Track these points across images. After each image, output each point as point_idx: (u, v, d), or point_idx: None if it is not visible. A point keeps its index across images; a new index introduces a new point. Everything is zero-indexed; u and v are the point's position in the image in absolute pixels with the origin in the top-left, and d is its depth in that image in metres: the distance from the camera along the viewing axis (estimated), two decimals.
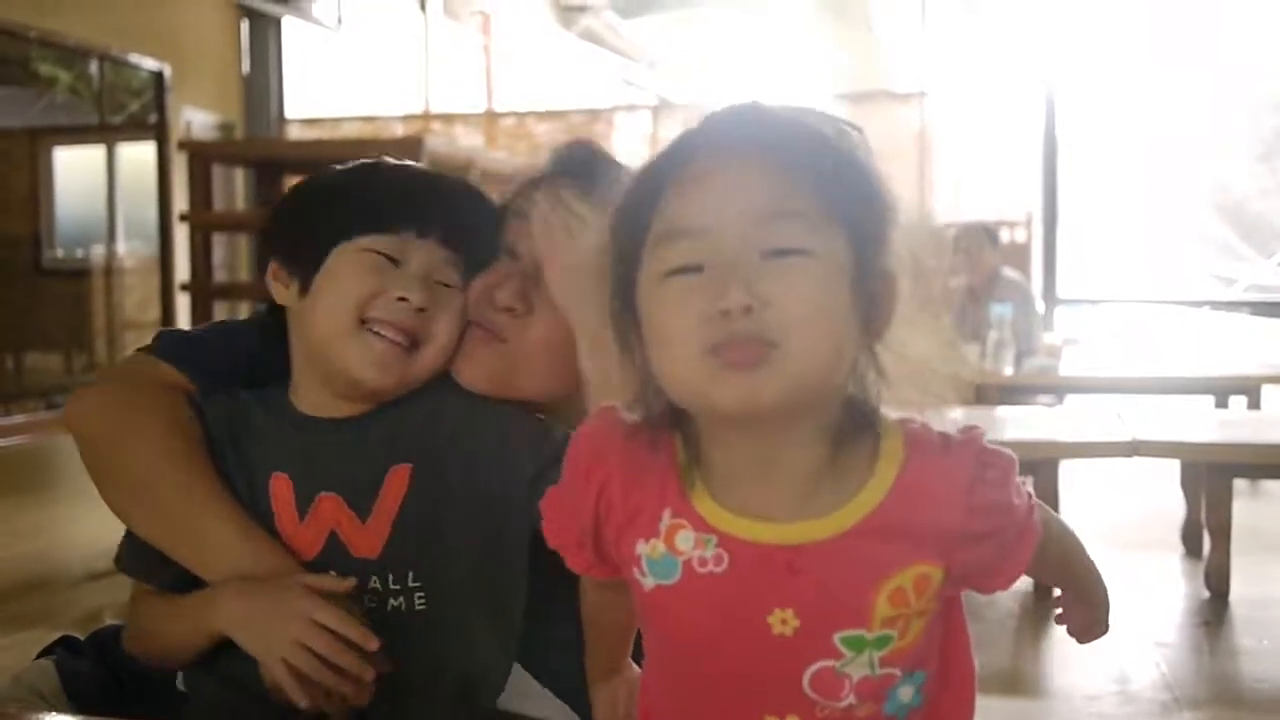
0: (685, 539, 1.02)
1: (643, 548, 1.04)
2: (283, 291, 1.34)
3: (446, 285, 1.32)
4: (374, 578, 1.26)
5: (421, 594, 1.27)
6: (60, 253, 9.31)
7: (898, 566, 1.00)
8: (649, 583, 1.04)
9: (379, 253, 1.30)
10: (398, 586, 1.27)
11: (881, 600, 1.00)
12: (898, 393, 1.01)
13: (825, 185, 0.96)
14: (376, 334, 1.28)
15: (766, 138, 0.98)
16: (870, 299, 0.98)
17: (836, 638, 1.01)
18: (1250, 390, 5.96)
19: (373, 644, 1.20)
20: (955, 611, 1.09)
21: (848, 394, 1.01)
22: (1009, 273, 6.92)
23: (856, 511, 0.99)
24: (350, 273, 1.29)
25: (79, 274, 9.39)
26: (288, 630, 1.18)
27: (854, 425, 1.01)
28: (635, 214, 1.00)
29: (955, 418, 1.05)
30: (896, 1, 17.23)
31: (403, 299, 1.28)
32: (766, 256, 0.94)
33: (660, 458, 1.04)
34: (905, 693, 1.05)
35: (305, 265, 1.32)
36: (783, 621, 1.01)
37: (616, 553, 1.07)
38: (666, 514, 1.03)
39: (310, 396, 1.34)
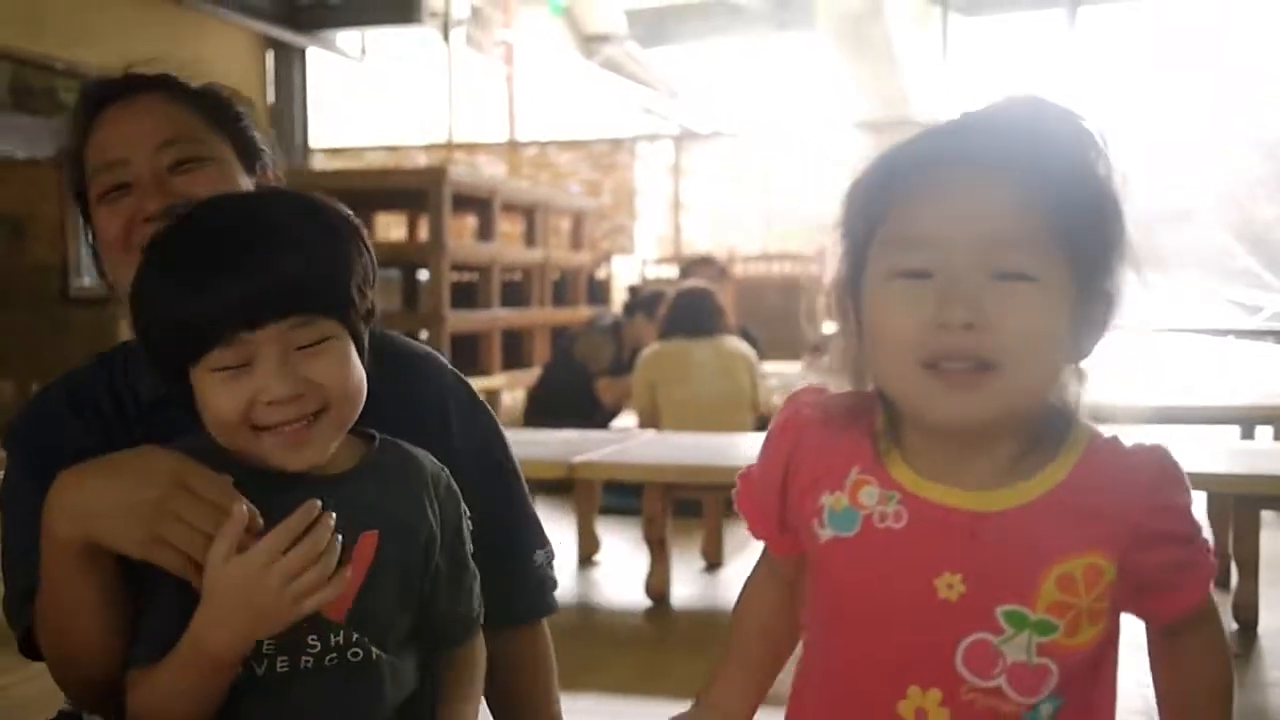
0: (869, 494, 1.09)
1: (826, 499, 1.11)
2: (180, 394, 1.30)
3: (310, 345, 1.23)
4: (335, 637, 1.26)
5: (376, 649, 1.28)
6: (87, 281, 9.36)
7: (1072, 551, 1.03)
8: (826, 534, 1.11)
9: (220, 369, 1.22)
10: (355, 638, 1.27)
11: (1049, 582, 1.03)
12: None
13: (1062, 209, 1.00)
14: (275, 432, 1.23)
15: (1013, 152, 1.01)
16: (1087, 321, 1.04)
17: (999, 611, 1.03)
18: (1277, 421, 5.92)
19: (326, 520, 1.19)
20: (1110, 650, 1.10)
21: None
22: None
23: (1040, 486, 1.05)
24: (213, 399, 1.23)
25: (105, 302, 9.42)
26: (275, 591, 1.16)
27: (1049, 426, 1.07)
28: (872, 200, 1.06)
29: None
30: (916, 31, 17.27)
31: (272, 402, 1.21)
32: (994, 278, 0.99)
33: (859, 424, 1.12)
34: (1045, 710, 1.06)
35: (175, 383, 1.27)
36: (949, 586, 1.04)
37: (799, 511, 1.13)
38: (854, 470, 1.11)
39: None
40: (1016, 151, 1.01)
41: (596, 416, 6.35)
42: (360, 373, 1.27)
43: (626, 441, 4.81)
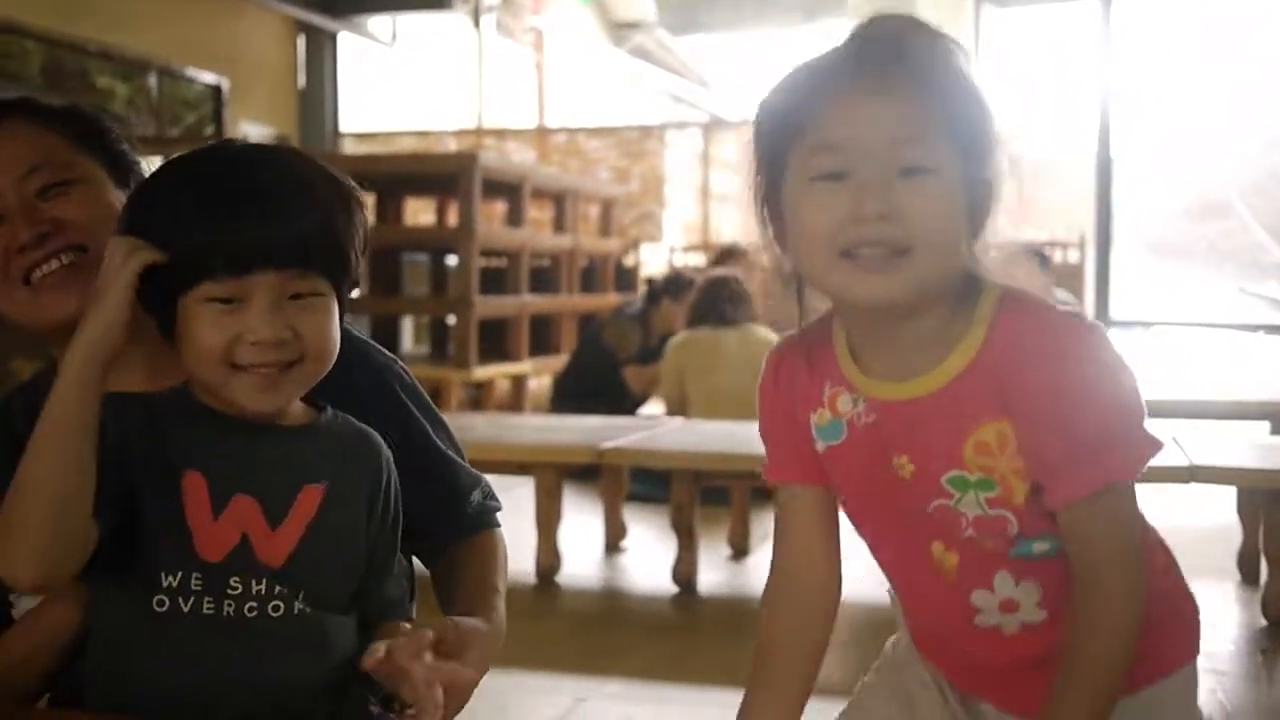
0: (845, 402, 1.27)
1: (814, 417, 1.30)
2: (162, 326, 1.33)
3: (302, 295, 1.27)
4: (259, 585, 1.28)
5: (305, 605, 1.30)
6: None
7: (983, 419, 1.18)
8: (821, 446, 1.30)
9: (211, 299, 1.25)
10: (286, 593, 1.29)
11: (969, 449, 1.19)
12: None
13: (950, 111, 1.15)
14: (250, 371, 1.26)
15: (903, 61, 1.16)
16: (976, 203, 1.18)
17: (944, 479, 1.21)
18: None
19: None
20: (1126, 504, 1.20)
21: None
22: (1061, 295, 6.88)
23: (951, 369, 1.20)
24: (198, 329, 1.26)
25: None
26: None
27: (963, 292, 1.21)
28: (786, 117, 1.19)
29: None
30: (948, 21, 17.15)
31: (254, 342, 1.25)
32: (900, 174, 1.14)
33: (824, 345, 1.29)
34: (1040, 547, 1.22)
35: (161, 317, 1.30)
36: (902, 466, 1.23)
37: (806, 438, 1.31)
38: (827, 385, 1.29)
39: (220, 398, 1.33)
40: (906, 60, 1.15)
41: (624, 403, 6.36)
42: (336, 336, 1.32)
43: (655, 429, 4.82)
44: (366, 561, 1.37)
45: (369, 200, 7.42)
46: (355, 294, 1.39)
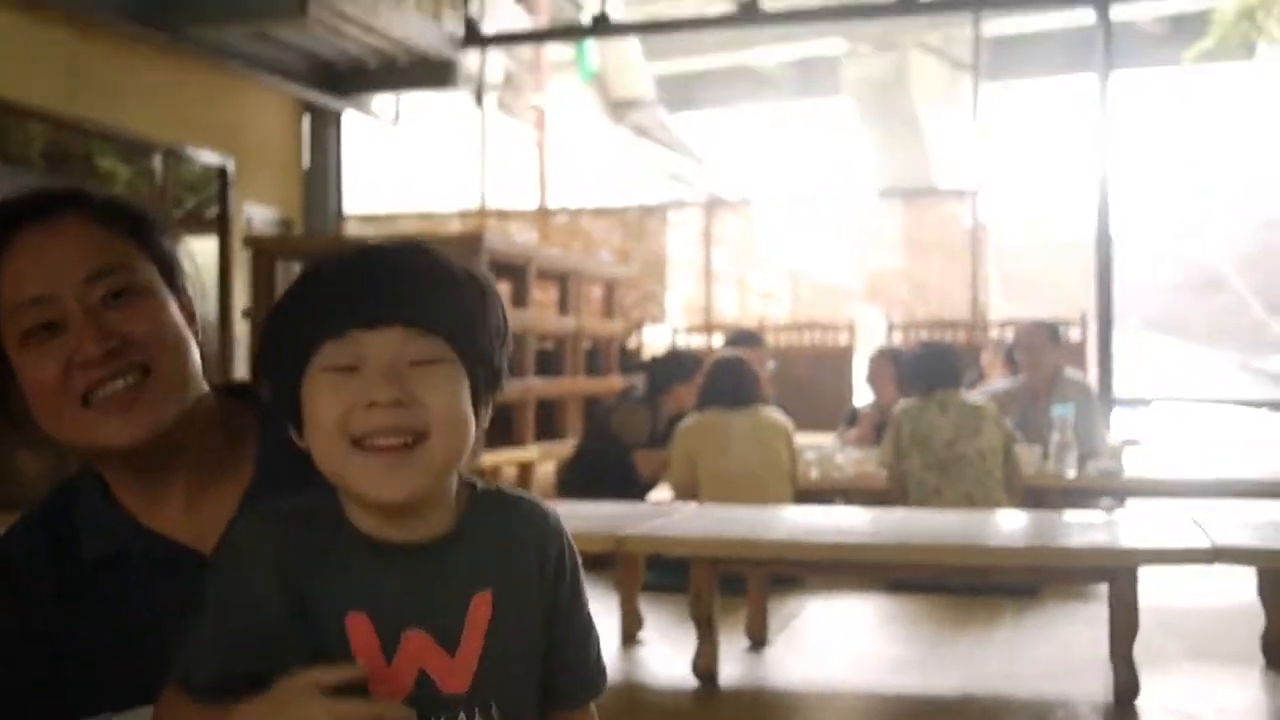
0: None
1: None
2: (303, 441, 1.26)
3: (422, 363, 1.20)
4: (462, 713, 1.22)
5: (499, 715, 1.24)
6: None
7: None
8: None
9: (334, 369, 1.19)
10: (478, 712, 1.22)
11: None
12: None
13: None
14: (371, 449, 1.18)
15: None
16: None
17: None
18: None
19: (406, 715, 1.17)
20: None
21: None
22: (1071, 373, 6.88)
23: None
24: (317, 404, 1.19)
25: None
26: None
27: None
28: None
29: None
30: (942, 97, 17.34)
31: (372, 404, 1.18)
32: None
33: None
34: None
35: (289, 408, 1.24)
36: None
37: None
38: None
39: (371, 519, 1.24)
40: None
41: (633, 489, 6.32)
42: (470, 415, 1.22)
43: (671, 515, 4.79)
44: (559, 637, 1.30)
45: None
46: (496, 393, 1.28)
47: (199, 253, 9.88)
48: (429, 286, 1.21)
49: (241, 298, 9.38)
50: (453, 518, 1.26)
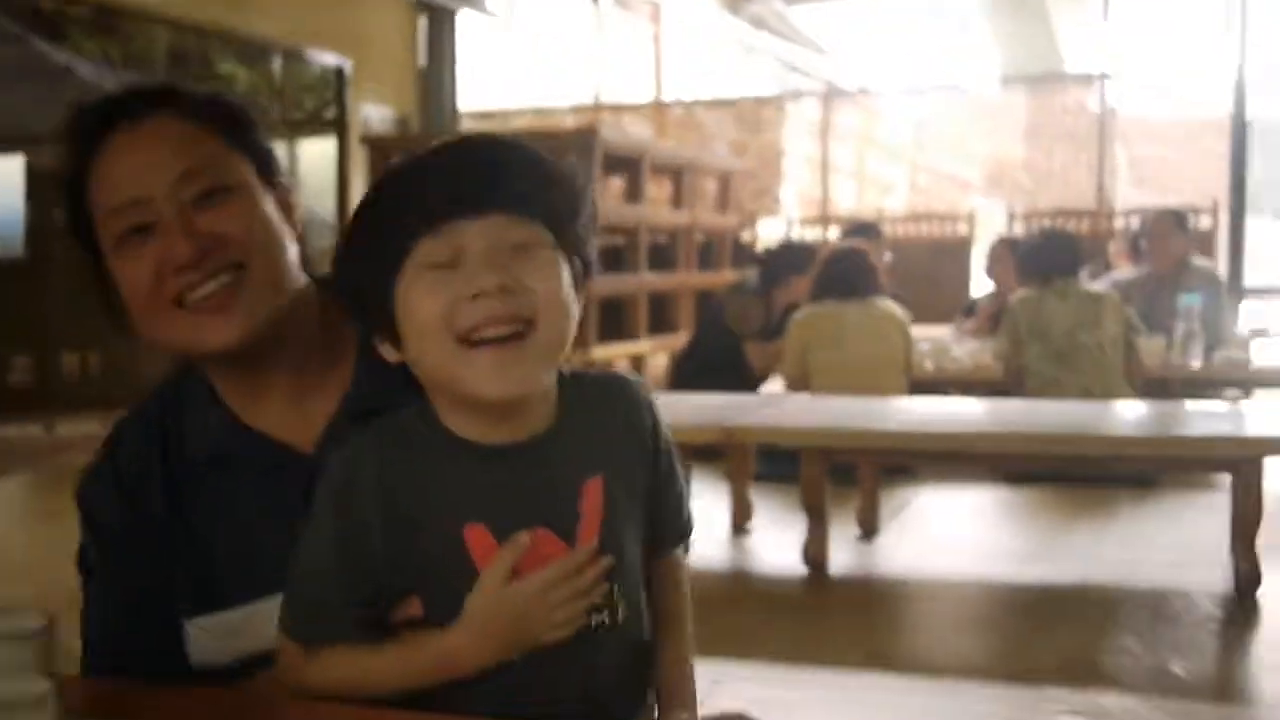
0: None
1: None
2: (392, 352, 1.23)
3: (523, 248, 1.16)
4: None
5: (622, 605, 1.25)
6: None
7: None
8: None
9: (430, 266, 1.15)
10: (604, 602, 1.23)
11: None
12: None
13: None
14: (480, 344, 1.15)
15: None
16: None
17: None
18: None
19: (600, 562, 1.20)
20: None
21: None
22: (1199, 261, 6.67)
23: None
24: (418, 303, 1.16)
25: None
26: (543, 621, 1.18)
27: None
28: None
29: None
30: None
31: (478, 294, 1.14)
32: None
33: None
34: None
35: (383, 326, 1.21)
36: None
37: None
38: None
39: (474, 422, 1.22)
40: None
41: (746, 381, 6.32)
42: (574, 300, 1.20)
43: (781, 406, 4.78)
44: (657, 493, 1.31)
45: None
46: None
47: (318, 153, 10.01)
48: (523, 173, 1.18)
49: (359, 196, 9.54)
50: (553, 410, 1.24)
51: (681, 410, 4.48)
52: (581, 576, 1.19)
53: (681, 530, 1.37)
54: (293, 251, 1.43)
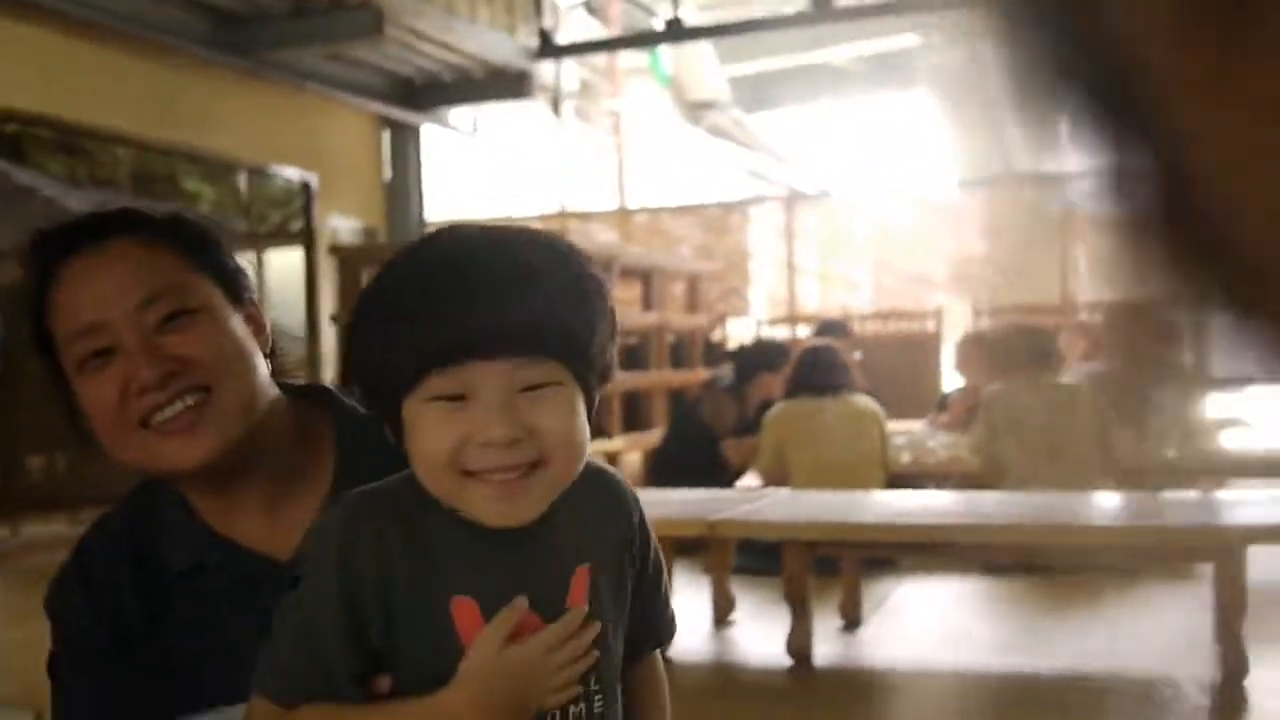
0: None
1: None
2: (392, 436, 1.22)
3: (535, 387, 1.13)
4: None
5: (599, 698, 1.22)
6: None
7: None
8: None
9: (441, 398, 1.13)
10: (582, 691, 1.20)
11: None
12: None
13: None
14: (485, 480, 1.13)
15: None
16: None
17: None
18: None
19: (594, 626, 1.20)
20: None
21: None
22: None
23: None
24: (425, 434, 1.14)
25: None
26: (543, 685, 1.16)
27: None
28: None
29: None
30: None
31: (486, 443, 1.12)
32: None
33: None
34: None
35: (388, 419, 1.19)
36: None
37: None
38: None
39: None
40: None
41: (722, 477, 6.30)
42: (585, 431, 1.17)
43: (761, 500, 4.77)
44: (639, 588, 1.29)
45: None
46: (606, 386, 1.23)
47: (285, 264, 10.04)
48: (537, 311, 1.13)
49: (328, 306, 9.53)
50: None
51: (664, 505, 4.46)
52: (580, 639, 1.17)
53: (664, 633, 1.35)
54: (262, 368, 1.42)
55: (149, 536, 1.42)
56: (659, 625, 1.34)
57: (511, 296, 1.13)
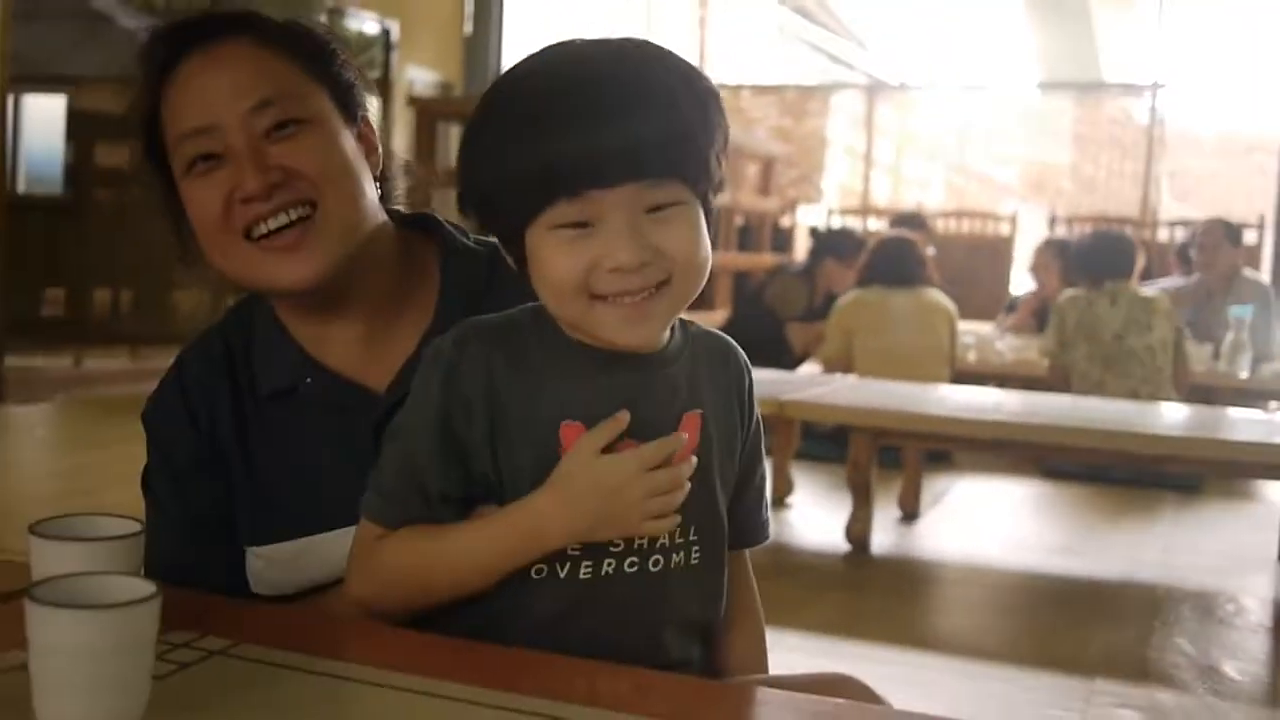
0: None
1: None
2: (513, 263, 1.20)
3: (661, 207, 1.11)
4: (667, 537, 1.18)
5: (697, 549, 1.20)
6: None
7: None
8: None
9: (563, 225, 1.11)
10: (681, 540, 1.19)
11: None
12: None
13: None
14: (611, 300, 1.11)
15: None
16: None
17: None
18: None
19: (692, 460, 1.16)
20: None
21: None
22: (1250, 273, 6.61)
23: None
24: (552, 261, 1.12)
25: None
26: (636, 506, 1.12)
27: None
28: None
29: None
30: None
31: (613, 269, 1.10)
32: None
33: None
34: None
35: (507, 245, 1.18)
36: None
37: None
38: None
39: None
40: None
41: (784, 361, 6.28)
42: (708, 246, 1.15)
43: (830, 384, 4.74)
44: (739, 479, 1.27)
45: None
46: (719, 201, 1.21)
47: None
48: (661, 135, 1.10)
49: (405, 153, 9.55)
50: (667, 334, 1.21)
51: None
52: (678, 471, 1.14)
53: (758, 534, 1.32)
54: (370, 191, 1.37)
55: (245, 358, 1.40)
56: (754, 519, 1.31)
57: (640, 116, 1.09)
